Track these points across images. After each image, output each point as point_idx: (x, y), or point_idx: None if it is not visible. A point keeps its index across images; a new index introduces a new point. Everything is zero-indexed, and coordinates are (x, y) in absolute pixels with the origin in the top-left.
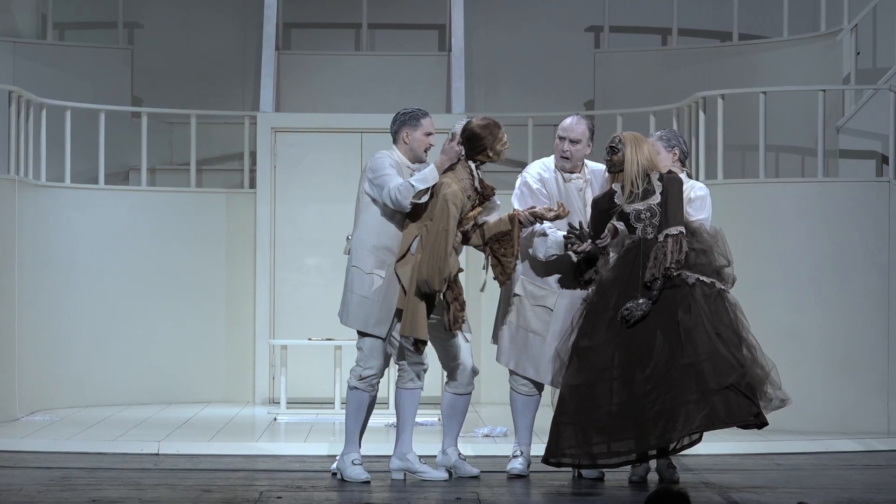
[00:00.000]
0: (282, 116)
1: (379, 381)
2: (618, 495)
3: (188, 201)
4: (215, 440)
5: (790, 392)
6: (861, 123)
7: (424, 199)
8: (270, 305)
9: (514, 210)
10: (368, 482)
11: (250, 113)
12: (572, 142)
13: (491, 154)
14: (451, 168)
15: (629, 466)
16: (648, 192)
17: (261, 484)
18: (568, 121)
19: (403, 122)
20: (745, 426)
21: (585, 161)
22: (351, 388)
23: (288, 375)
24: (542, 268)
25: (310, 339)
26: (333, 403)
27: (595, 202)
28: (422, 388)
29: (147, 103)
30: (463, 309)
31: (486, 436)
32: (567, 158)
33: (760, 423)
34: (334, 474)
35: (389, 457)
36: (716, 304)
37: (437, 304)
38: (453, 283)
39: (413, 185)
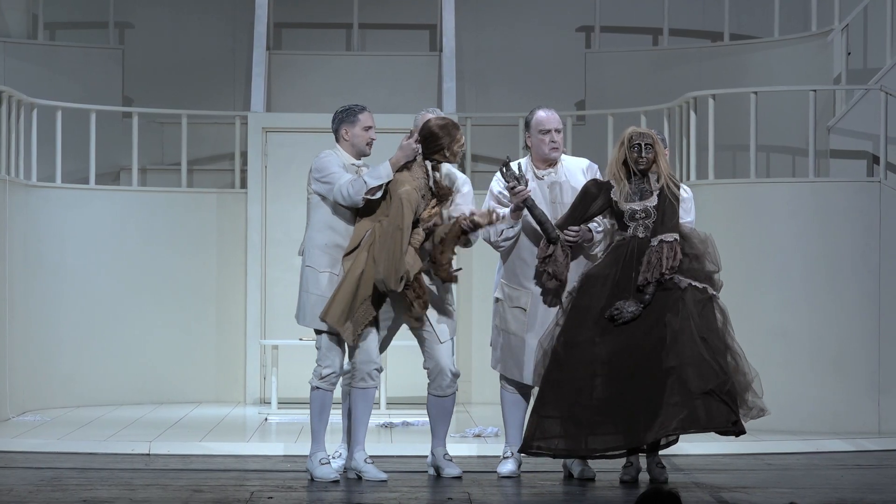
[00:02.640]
0: (273, 116)
1: (339, 379)
2: (608, 496)
3: (179, 201)
4: (206, 440)
5: (781, 391)
6: (852, 123)
7: (378, 195)
8: (261, 305)
9: (460, 216)
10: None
11: (241, 113)
12: (557, 131)
13: (448, 154)
14: (407, 166)
15: (621, 467)
16: (645, 193)
17: (252, 484)
18: (543, 114)
19: (342, 119)
20: (723, 433)
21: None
22: (313, 388)
23: (279, 376)
24: (518, 269)
25: (301, 340)
26: None
27: (587, 187)
28: (375, 388)
29: (138, 103)
30: (425, 308)
31: (477, 436)
32: (557, 148)
33: (738, 431)
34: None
35: (385, 457)
36: (705, 309)
37: (398, 304)
38: (415, 282)
39: (366, 182)
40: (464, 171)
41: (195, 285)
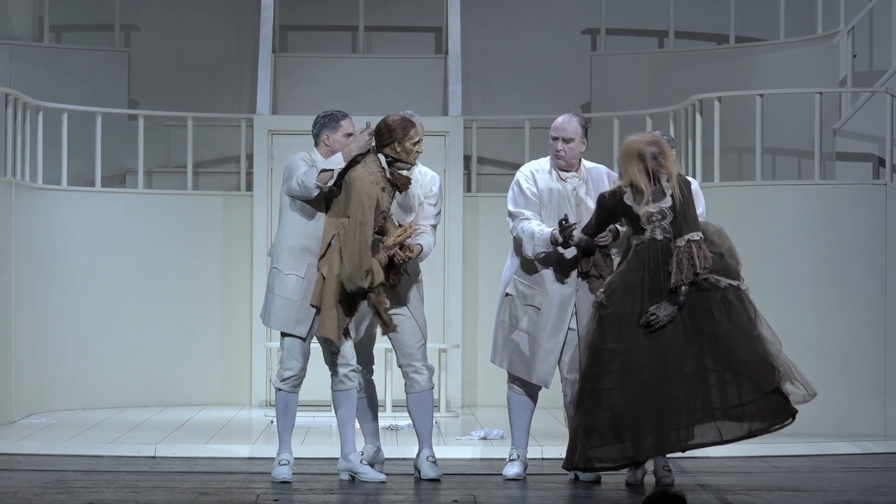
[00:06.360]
0: (278, 119)
1: (301, 382)
2: (614, 498)
3: (184, 204)
4: (212, 443)
5: None
6: (858, 126)
7: (330, 183)
8: None
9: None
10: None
11: (247, 115)
12: (565, 140)
13: (399, 150)
14: (362, 161)
15: (625, 469)
16: (658, 194)
17: (257, 486)
18: (560, 120)
19: (324, 124)
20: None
21: (583, 161)
22: (276, 389)
23: None
24: (533, 267)
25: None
26: (330, 406)
27: (601, 199)
28: (356, 389)
29: (143, 106)
30: (387, 311)
31: (483, 438)
32: (561, 157)
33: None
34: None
35: (389, 460)
36: (748, 306)
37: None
38: (377, 289)
39: (317, 168)
40: (469, 174)
41: (201, 288)
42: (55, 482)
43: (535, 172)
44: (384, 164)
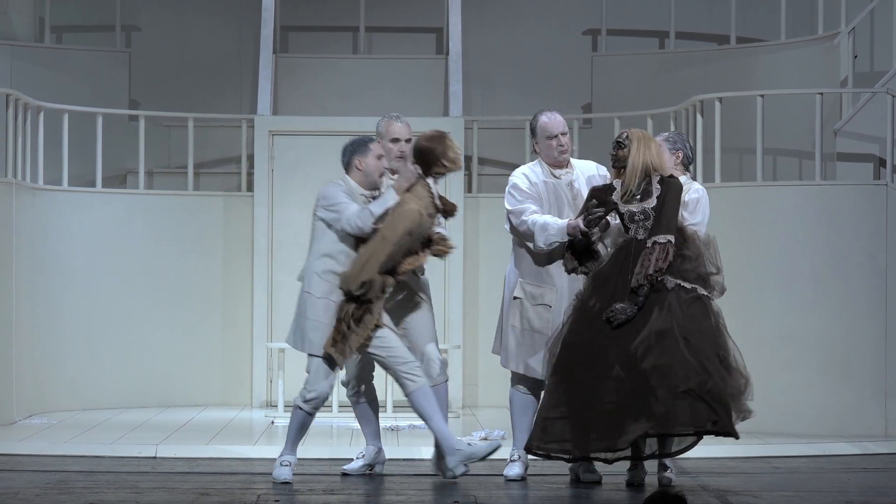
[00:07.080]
0: (279, 119)
1: (322, 405)
2: (615, 498)
3: (185, 204)
4: (213, 443)
5: (788, 394)
6: (858, 127)
7: None
8: (268, 309)
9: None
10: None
11: (248, 116)
12: (563, 134)
13: (445, 163)
14: (410, 188)
15: (626, 469)
16: (647, 194)
17: (258, 487)
18: (546, 119)
19: (353, 151)
20: (707, 433)
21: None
22: (295, 406)
23: (285, 379)
24: (538, 267)
25: None
26: (331, 406)
27: (593, 189)
28: (427, 383)
29: (144, 106)
30: (352, 335)
31: (484, 439)
32: (566, 150)
33: (721, 432)
34: (345, 474)
35: (391, 460)
36: (692, 309)
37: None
38: (367, 304)
39: (372, 212)
40: (470, 174)
41: (201, 288)
42: (56, 483)
43: (527, 175)
44: (433, 190)
